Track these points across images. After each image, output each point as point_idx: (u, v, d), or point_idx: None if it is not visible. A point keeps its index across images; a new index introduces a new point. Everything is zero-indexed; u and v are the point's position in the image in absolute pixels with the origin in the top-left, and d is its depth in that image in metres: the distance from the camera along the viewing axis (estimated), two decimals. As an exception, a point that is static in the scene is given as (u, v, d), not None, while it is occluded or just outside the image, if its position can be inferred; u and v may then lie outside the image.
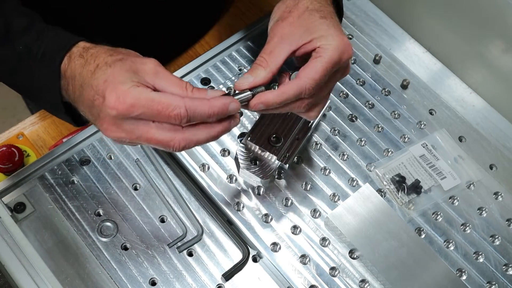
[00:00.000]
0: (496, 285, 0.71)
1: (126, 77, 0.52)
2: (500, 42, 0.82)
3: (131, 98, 0.51)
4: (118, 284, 0.68)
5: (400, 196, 0.75)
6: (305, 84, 0.57)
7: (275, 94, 0.57)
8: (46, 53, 0.57)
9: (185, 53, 0.96)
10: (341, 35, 0.59)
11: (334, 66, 0.59)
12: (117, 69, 0.53)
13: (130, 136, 0.54)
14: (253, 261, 0.71)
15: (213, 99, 0.54)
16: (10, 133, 0.86)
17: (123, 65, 0.53)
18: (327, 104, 0.74)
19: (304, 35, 0.59)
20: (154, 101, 0.51)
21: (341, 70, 0.61)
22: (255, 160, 0.73)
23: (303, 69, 0.58)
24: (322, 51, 0.58)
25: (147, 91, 0.52)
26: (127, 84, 0.52)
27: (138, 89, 0.52)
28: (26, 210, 0.71)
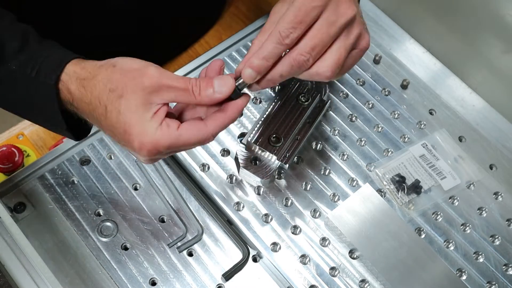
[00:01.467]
0: (496, 285, 0.71)
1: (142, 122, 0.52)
2: (500, 42, 0.82)
3: (162, 147, 0.53)
4: (118, 284, 0.68)
5: (400, 196, 0.75)
6: (277, 28, 0.52)
7: (256, 52, 0.53)
8: (41, 72, 0.56)
9: (185, 53, 0.96)
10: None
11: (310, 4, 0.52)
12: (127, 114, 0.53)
13: (164, 157, 0.57)
14: (253, 261, 0.71)
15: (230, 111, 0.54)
16: (10, 133, 0.86)
17: (129, 104, 0.53)
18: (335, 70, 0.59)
19: None
20: (187, 143, 0.54)
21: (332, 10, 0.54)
22: (255, 160, 0.73)
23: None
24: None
25: (174, 133, 0.53)
26: (149, 132, 0.52)
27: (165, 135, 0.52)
28: (26, 210, 0.71)
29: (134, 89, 0.52)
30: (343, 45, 0.55)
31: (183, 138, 0.53)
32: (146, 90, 0.52)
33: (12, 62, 0.56)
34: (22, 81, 0.56)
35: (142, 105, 0.52)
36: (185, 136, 0.53)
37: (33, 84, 0.56)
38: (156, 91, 0.52)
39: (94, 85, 0.54)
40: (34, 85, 0.56)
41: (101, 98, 0.54)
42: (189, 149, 0.57)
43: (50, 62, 0.56)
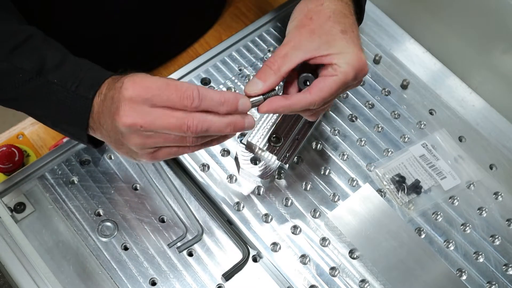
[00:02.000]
0: (496, 285, 0.71)
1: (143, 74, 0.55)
2: (500, 42, 0.82)
3: (146, 82, 0.53)
4: (118, 284, 0.68)
5: (400, 196, 0.75)
6: (316, 100, 0.58)
7: (285, 105, 0.58)
8: (81, 87, 0.59)
9: (185, 53, 0.96)
10: (359, 53, 0.60)
11: (348, 84, 0.60)
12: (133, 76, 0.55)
13: (145, 119, 0.54)
14: (253, 261, 0.71)
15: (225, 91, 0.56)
16: (10, 133, 0.86)
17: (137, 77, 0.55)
18: None
19: (322, 48, 0.59)
20: (168, 84, 0.53)
21: (353, 85, 0.63)
22: (255, 160, 0.73)
23: (317, 84, 0.59)
24: (338, 70, 0.59)
25: (162, 78, 0.54)
26: (143, 75, 0.54)
27: (153, 77, 0.54)
28: (26, 210, 0.71)
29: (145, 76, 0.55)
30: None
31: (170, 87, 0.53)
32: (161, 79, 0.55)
33: (53, 75, 0.60)
34: (60, 93, 0.60)
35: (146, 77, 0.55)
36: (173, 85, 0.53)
37: (71, 98, 0.59)
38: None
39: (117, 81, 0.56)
40: (72, 99, 0.59)
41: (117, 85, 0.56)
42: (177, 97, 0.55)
43: (90, 78, 0.60)
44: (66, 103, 0.60)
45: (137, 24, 0.86)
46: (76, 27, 0.81)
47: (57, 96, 0.60)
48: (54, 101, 0.61)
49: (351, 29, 0.62)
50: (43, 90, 0.60)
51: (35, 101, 0.62)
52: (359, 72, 0.60)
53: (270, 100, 0.58)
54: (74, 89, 0.59)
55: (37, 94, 0.61)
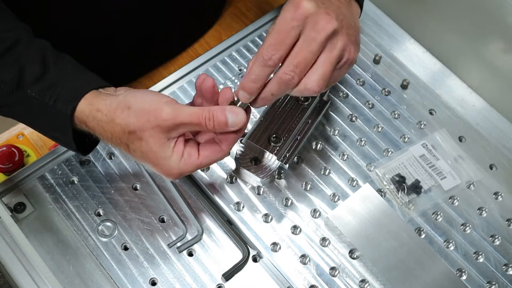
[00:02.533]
0: (496, 285, 0.71)
1: (166, 159, 0.58)
2: (500, 42, 0.82)
3: (187, 173, 0.59)
4: (118, 284, 0.68)
5: (400, 196, 0.75)
6: (259, 51, 0.55)
7: (245, 77, 0.56)
8: (58, 102, 0.59)
9: (185, 53, 0.96)
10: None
11: (287, 25, 0.55)
12: (151, 155, 0.58)
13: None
14: (253, 261, 0.71)
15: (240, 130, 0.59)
16: (10, 133, 0.86)
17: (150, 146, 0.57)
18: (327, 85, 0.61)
19: None
20: (205, 166, 0.60)
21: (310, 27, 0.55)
22: (255, 160, 0.73)
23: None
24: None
25: (193, 162, 0.58)
26: (174, 166, 0.58)
27: (187, 165, 0.58)
28: (26, 210, 0.71)
29: (151, 133, 0.56)
30: (327, 59, 0.57)
31: (204, 164, 0.59)
32: (163, 131, 0.56)
33: (31, 89, 0.59)
34: (40, 108, 0.60)
35: (161, 145, 0.57)
36: (205, 162, 0.59)
37: (50, 111, 0.59)
38: (172, 129, 0.56)
39: (113, 128, 0.58)
40: (51, 113, 0.59)
41: (122, 138, 0.58)
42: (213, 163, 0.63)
43: (68, 92, 0.59)
44: (47, 116, 0.60)
45: (136, 24, 0.86)
46: (75, 27, 0.81)
47: (38, 109, 0.60)
48: (36, 113, 0.61)
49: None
50: (24, 102, 0.60)
51: (21, 111, 0.62)
52: (294, 10, 0.55)
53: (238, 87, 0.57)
54: (52, 103, 0.59)
55: (20, 105, 0.61)
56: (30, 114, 0.62)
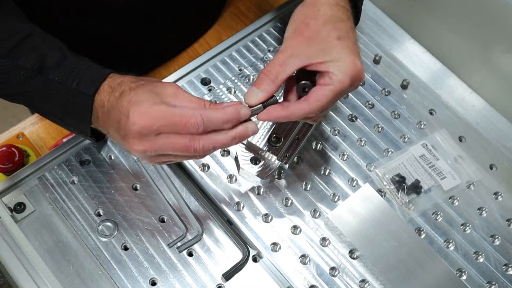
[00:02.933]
0: (496, 285, 0.71)
1: (148, 96, 0.57)
2: (500, 42, 0.82)
3: (152, 113, 0.56)
4: (118, 284, 0.68)
5: (400, 196, 0.75)
6: (314, 108, 0.59)
7: (284, 114, 0.59)
8: (81, 85, 0.61)
9: (185, 53, 0.96)
10: (355, 59, 0.60)
11: (344, 91, 0.60)
12: (140, 91, 0.57)
13: (153, 147, 0.57)
14: (253, 261, 0.71)
15: (226, 106, 0.57)
16: (10, 133, 0.86)
17: (145, 87, 0.58)
18: None
19: (319, 55, 0.60)
20: (173, 114, 0.56)
21: (350, 90, 0.63)
22: (255, 160, 0.73)
23: (314, 93, 0.59)
24: (334, 78, 0.59)
25: (166, 107, 0.56)
26: (148, 102, 0.56)
27: (158, 106, 0.56)
28: (26, 210, 0.71)
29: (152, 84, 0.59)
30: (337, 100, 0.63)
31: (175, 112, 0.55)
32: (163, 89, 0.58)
33: (54, 73, 0.62)
34: (62, 90, 0.62)
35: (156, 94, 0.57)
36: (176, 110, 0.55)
37: (73, 94, 0.61)
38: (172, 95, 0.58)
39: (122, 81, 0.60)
40: (74, 95, 0.61)
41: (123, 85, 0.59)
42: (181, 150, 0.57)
43: (90, 75, 0.62)
44: (68, 100, 0.62)
45: (136, 24, 0.86)
46: (75, 27, 0.81)
47: (59, 93, 0.62)
48: (56, 98, 0.62)
49: (348, 35, 0.62)
50: (45, 87, 0.62)
51: (38, 96, 0.64)
52: (355, 80, 0.60)
53: (269, 109, 0.59)
54: (75, 86, 0.61)
55: (39, 90, 0.63)
56: (48, 100, 0.63)
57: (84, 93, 0.61)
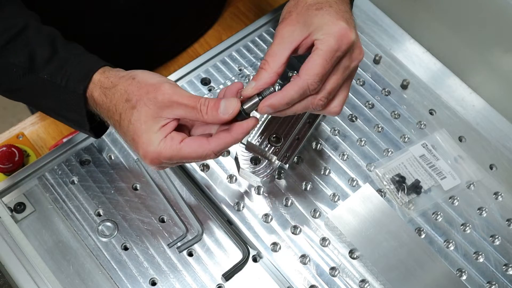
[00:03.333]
0: (496, 285, 0.71)
1: (149, 133, 0.56)
2: (500, 42, 0.82)
3: (164, 158, 0.57)
4: (118, 284, 0.68)
5: (400, 196, 0.75)
6: (306, 80, 0.56)
7: (278, 96, 0.57)
8: (70, 82, 0.60)
9: (185, 53, 0.96)
10: (337, 20, 0.58)
11: (334, 55, 0.57)
12: (137, 124, 0.57)
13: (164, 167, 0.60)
14: (253, 261, 0.71)
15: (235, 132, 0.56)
16: (10, 133, 0.86)
17: (140, 115, 0.57)
18: None
19: (302, 31, 0.59)
20: (186, 157, 0.57)
21: (348, 56, 0.59)
22: (255, 160, 0.73)
23: (303, 66, 0.57)
24: (318, 44, 0.57)
25: (176, 146, 0.56)
26: (154, 143, 0.56)
27: (167, 147, 0.56)
28: (26, 210, 0.71)
29: (146, 102, 0.56)
30: (349, 84, 0.61)
31: (183, 152, 0.56)
32: (157, 105, 0.56)
33: (43, 71, 0.61)
34: (52, 89, 0.61)
35: (152, 118, 0.56)
36: (185, 150, 0.56)
37: (63, 92, 0.61)
38: (167, 106, 0.56)
39: (113, 94, 0.58)
40: (64, 93, 0.61)
41: (117, 106, 0.58)
42: (193, 162, 0.61)
43: (79, 72, 0.61)
44: (61, 97, 0.61)
45: (136, 24, 0.86)
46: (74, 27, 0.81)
47: (50, 90, 0.61)
48: (49, 95, 0.62)
49: (328, 4, 0.60)
50: (36, 85, 0.62)
51: (33, 93, 0.63)
52: (341, 39, 0.57)
53: (265, 99, 0.57)
54: (64, 84, 0.60)
55: (33, 87, 0.62)
56: (43, 96, 0.63)
57: (74, 91, 0.60)
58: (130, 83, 0.58)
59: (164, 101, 0.56)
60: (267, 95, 0.57)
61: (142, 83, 0.57)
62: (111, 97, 0.59)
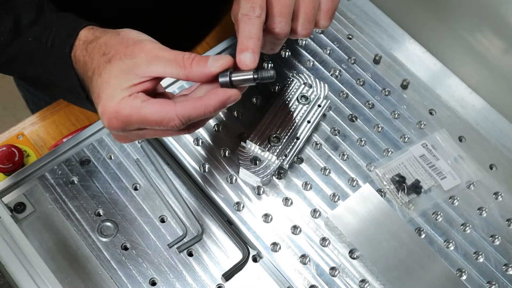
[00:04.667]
0: (496, 285, 0.71)
1: (114, 88, 0.51)
2: (500, 42, 0.82)
3: (122, 116, 0.51)
4: (118, 284, 0.68)
5: (400, 196, 0.75)
6: (240, 12, 0.53)
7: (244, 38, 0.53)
8: (56, 42, 0.57)
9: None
10: None
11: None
12: (106, 78, 0.52)
13: (130, 138, 0.55)
14: (253, 261, 0.71)
15: (207, 98, 0.51)
16: (10, 133, 0.86)
17: (112, 69, 0.52)
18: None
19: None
20: (146, 118, 0.51)
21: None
22: (255, 160, 0.73)
23: None
24: None
25: (136, 105, 0.51)
26: (115, 99, 0.51)
27: (128, 104, 0.51)
28: (26, 210, 0.71)
29: (122, 57, 0.52)
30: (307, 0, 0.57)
31: (143, 111, 0.51)
32: (133, 60, 0.51)
33: (27, 34, 0.58)
34: (39, 51, 0.58)
35: (124, 73, 0.51)
36: (146, 110, 0.51)
37: (50, 54, 0.57)
38: (144, 62, 0.51)
39: (94, 47, 0.55)
40: (51, 54, 0.57)
41: (93, 59, 0.54)
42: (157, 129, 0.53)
43: (64, 31, 0.57)
44: (48, 59, 0.58)
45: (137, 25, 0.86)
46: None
47: (38, 53, 0.58)
48: (38, 60, 0.59)
49: None
50: (24, 49, 0.59)
51: (23, 62, 0.61)
52: None
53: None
54: (50, 44, 0.57)
55: (22, 54, 0.59)
56: (32, 64, 0.60)
57: (60, 49, 0.57)
58: (112, 37, 0.54)
59: (142, 57, 0.51)
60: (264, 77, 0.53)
61: (124, 38, 0.53)
62: (90, 50, 0.55)
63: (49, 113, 0.89)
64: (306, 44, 0.86)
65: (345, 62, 0.86)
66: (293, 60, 0.85)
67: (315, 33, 0.88)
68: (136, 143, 0.76)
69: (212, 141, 0.76)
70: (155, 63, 0.51)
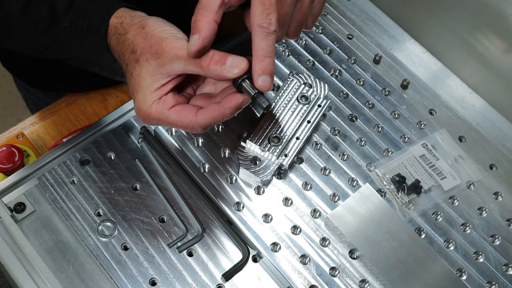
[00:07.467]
0: (496, 285, 0.71)
1: (145, 90, 0.57)
2: (500, 42, 0.82)
3: (153, 120, 0.59)
4: (118, 284, 0.68)
5: (400, 196, 0.75)
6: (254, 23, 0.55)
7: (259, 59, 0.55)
8: (91, 25, 0.62)
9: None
10: None
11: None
12: (137, 79, 0.58)
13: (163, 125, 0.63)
14: (253, 261, 0.71)
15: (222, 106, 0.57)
16: (10, 133, 0.86)
17: (141, 71, 0.57)
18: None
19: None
20: (172, 124, 0.59)
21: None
22: (255, 160, 0.73)
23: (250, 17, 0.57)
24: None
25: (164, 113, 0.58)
26: (147, 102, 0.58)
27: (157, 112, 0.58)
28: (26, 210, 0.71)
29: (148, 58, 0.56)
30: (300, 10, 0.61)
31: (170, 118, 0.58)
32: (158, 60, 0.56)
33: (63, 20, 0.62)
34: (76, 35, 0.63)
35: (151, 75, 0.56)
36: (172, 117, 0.58)
37: (86, 36, 0.62)
38: (168, 62, 0.55)
39: (124, 41, 0.59)
40: (87, 37, 0.62)
41: (125, 55, 0.59)
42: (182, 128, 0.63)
43: (99, 14, 0.62)
44: (84, 42, 0.63)
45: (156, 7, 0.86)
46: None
47: (74, 37, 0.63)
48: (74, 42, 0.64)
49: None
50: (61, 36, 0.63)
51: (61, 46, 0.65)
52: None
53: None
54: (86, 29, 0.62)
55: (59, 40, 0.64)
56: (70, 48, 0.65)
57: (96, 33, 0.61)
58: (138, 33, 0.58)
59: (165, 57, 0.55)
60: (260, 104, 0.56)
61: (149, 35, 0.57)
62: (122, 44, 0.60)
63: (49, 113, 0.89)
64: (306, 44, 0.87)
65: (345, 62, 0.86)
66: (293, 60, 0.85)
67: (315, 33, 0.88)
68: (136, 143, 0.76)
69: (212, 141, 0.76)
70: (177, 62, 0.55)
